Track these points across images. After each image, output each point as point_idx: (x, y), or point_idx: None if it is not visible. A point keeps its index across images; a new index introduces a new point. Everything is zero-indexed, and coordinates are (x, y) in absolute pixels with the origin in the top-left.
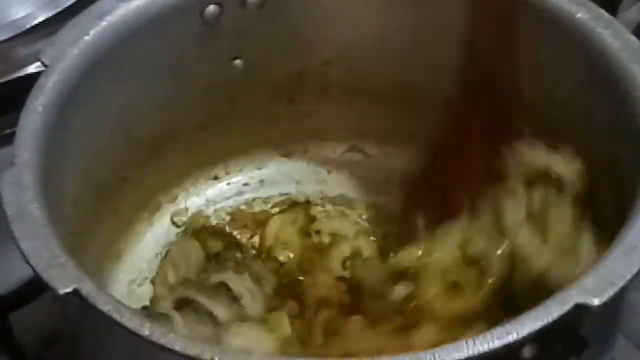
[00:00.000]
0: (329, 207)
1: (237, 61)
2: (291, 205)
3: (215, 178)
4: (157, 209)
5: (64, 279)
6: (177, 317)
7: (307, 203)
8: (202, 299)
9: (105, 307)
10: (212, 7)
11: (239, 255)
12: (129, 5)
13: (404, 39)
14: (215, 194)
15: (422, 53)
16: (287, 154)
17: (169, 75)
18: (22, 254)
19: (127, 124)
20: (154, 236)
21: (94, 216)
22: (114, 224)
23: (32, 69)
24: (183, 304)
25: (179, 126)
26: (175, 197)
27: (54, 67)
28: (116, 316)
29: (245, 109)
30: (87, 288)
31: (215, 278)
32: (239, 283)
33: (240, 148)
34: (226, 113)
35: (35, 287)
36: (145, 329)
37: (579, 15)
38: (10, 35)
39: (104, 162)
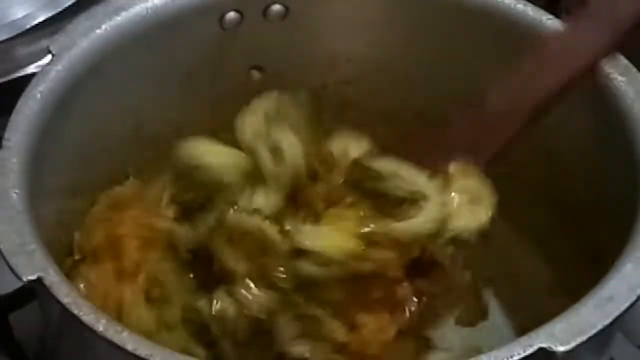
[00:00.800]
0: None
1: (255, 71)
2: None
3: None
4: None
5: (30, 267)
6: None
7: None
8: None
9: (65, 299)
10: (232, 14)
11: None
12: (147, 3)
13: (427, 66)
14: None
15: (444, 82)
16: None
17: (184, 78)
18: None
19: (134, 122)
20: None
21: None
22: None
23: (32, 69)
24: None
25: (187, 131)
26: None
27: (61, 56)
28: (74, 309)
29: None
30: (51, 278)
31: None
32: None
33: None
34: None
35: None
36: (100, 325)
37: None
38: (10, 35)
39: (108, 157)
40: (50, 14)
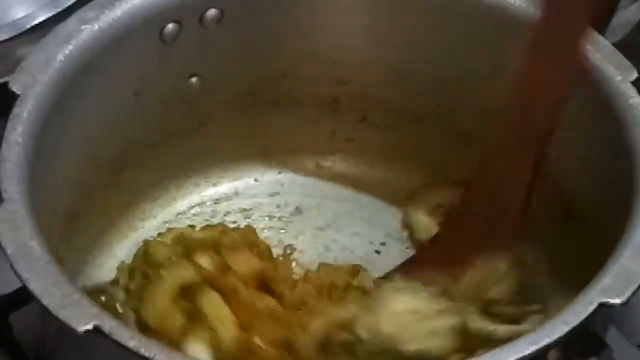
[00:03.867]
0: None
1: (194, 79)
2: None
3: (174, 199)
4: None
5: (82, 317)
6: None
7: None
8: None
9: (130, 342)
10: (171, 26)
11: None
12: (93, 27)
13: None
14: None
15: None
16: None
17: (132, 95)
18: (32, 294)
19: (93, 149)
20: None
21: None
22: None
23: None
24: None
25: (138, 146)
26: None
27: (27, 95)
28: (144, 352)
29: (201, 125)
30: (109, 324)
31: None
32: None
33: (196, 166)
34: (183, 130)
35: None
36: None
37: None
38: (10, 35)
39: (72, 191)
40: (50, 14)
